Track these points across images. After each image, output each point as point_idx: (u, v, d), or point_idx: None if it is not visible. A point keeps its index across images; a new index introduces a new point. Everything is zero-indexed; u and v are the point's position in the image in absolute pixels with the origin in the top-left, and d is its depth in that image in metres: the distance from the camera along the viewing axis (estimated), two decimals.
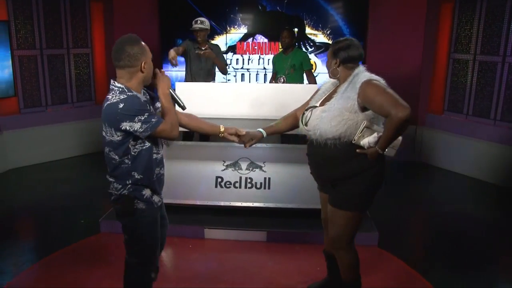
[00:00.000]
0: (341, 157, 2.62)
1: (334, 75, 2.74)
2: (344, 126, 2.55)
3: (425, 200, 5.34)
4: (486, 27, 5.83)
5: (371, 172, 2.63)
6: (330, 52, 2.74)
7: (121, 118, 2.32)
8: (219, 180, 4.26)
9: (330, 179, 2.73)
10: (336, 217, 2.76)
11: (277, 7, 6.57)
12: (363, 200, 2.70)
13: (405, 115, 2.34)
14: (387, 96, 2.44)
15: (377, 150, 2.50)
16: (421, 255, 4.09)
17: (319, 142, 2.65)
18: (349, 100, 2.56)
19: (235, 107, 4.03)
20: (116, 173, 2.48)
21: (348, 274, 2.88)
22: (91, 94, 6.95)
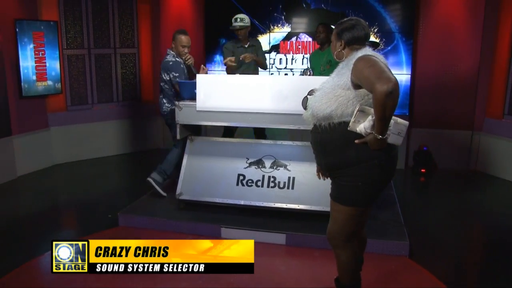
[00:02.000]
0: (337, 143, 2.38)
1: (339, 58, 2.51)
2: (335, 103, 2.34)
3: (475, 211, 4.83)
4: None
5: (373, 163, 2.34)
6: (334, 34, 2.52)
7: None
8: (241, 178, 4.08)
9: (328, 167, 2.49)
10: (334, 211, 2.51)
11: (321, 4, 6.31)
12: (363, 195, 2.41)
13: (387, 88, 2.07)
14: (374, 69, 2.19)
15: (376, 136, 2.23)
16: (457, 270, 3.63)
17: (317, 127, 2.46)
18: (343, 77, 2.36)
19: (257, 100, 3.83)
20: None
21: (345, 275, 2.61)
22: (137, 93, 7.05)
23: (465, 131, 6.07)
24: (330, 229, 2.55)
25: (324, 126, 2.41)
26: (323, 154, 2.48)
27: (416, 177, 6.05)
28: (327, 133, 2.41)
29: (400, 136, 2.32)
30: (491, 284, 3.34)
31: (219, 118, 3.95)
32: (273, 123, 3.89)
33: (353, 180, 2.39)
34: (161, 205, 4.33)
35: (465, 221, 4.57)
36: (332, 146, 2.41)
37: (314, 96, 2.49)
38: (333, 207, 2.53)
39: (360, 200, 2.43)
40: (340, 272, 2.62)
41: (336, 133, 2.38)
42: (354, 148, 2.34)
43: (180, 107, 4.01)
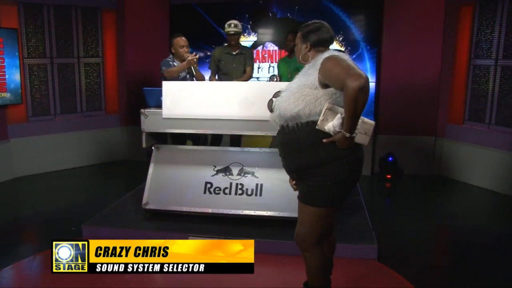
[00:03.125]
0: (304, 142, 2.37)
1: (305, 60, 2.51)
2: (303, 102, 2.34)
3: (440, 215, 4.93)
4: (508, 30, 5.44)
5: (341, 162, 2.34)
6: (299, 37, 2.53)
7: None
8: (209, 186, 4.04)
9: (296, 168, 2.47)
10: (303, 214, 2.49)
11: (287, 13, 6.39)
12: (331, 195, 2.40)
13: (359, 83, 2.10)
14: (343, 66, 2.22)
15: (344, 135, 2.24)
16: (425, 271, 3.67)
17: (284, 127, 2.44)
18: (310, 77, 2.36)
19: (224, 107, 3.81)
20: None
21: (314, 278, 2.57)
22: (101, 104, 6.91)
23: (429, 137, 6.21)
24: (299, 231, 2.52)
25: (291, 126, 2.40)
26: (291, 155, 2.46)
27: (382, 183, 6.14)
28: (294, 133, 2.40)
29: (367, 135, 2.35)
30: (457, 284, 3.41)
31: (186, 126, 3.91)
32: (241, 129, 3.88)
33: (322, 180, 2.37)
34: (126, 215, 4.24)
35: (431, 224, 4.65)
36: (300, 146, 2.39)
37: (281, 96, 2.48)
38: (302, 209, 2.50)
39: (329, 200, 2.42)
40: (309, 275, 2.59)
41: (303, 132, 2.37)
42: (322, 147, 2.33)
43: (146, 115, 3.95)
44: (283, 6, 6.39)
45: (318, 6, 6.26)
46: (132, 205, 4.43)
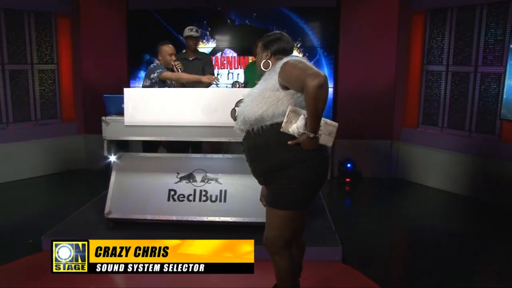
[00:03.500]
0: (270, 145, 2.41)
1: (265, 67, 2.60)
2: (265, 105, 2.39)
3: (399, 216, 5.10)
4: (457, 38, 5.71)
5: (307, 164, 2.39)
6: (261, 45, 2.62)
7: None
8: (172, 193, 4.01)
9: (262, 172, 2.50)
10: (271, 217, 2.51)
11: (246, 20, 6.44)
12: (298, 198, 2.43)
13: (318, 81, 2.18)
14: (301, 67, 2.30)
15: (309, 135, 2.30)
16: (389, 271, 3.81)
17: (250, 132, 2.48)
18: (270, 81, 2.44)
19: (187, 114, 3.80)
20: None
21: (283, 282, 2.60)
22: (57, 112, 6.72)
23: (385, 140, 6.40)
24: (268, 235, 2.54)
25: (256, 130, 2.44)
26: (257, 158, 2.49)
27: (342, 187, 6.27)
28: (259, 136, 2.44)
29: (331, 136, 2.40)
30: (419, 281, 3.53)
31: (149, 133, 3.87)
32: (204, 136, 3.88)
33: (288, 183, 2.40)
34: (88, 225, 4.13)
35: (390, 225, 4.79)
36: (266, 149, 2.43)
37: (244, 102, 2.53)
38: (270, 213, 2.52)
39: (296, 203, 2.44)
40: (278, 279, 2.62)
41: (268, 135, 2.41)
42: (287, 150, 2.37)
43: (107, 122, 3.88)
44: (241, 13, 6.44)
45: (276, 13, 6.35)
46: (93, 215, 4.32)
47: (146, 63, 6.52)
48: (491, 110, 5.43)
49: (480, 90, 5.52)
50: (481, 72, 5.49)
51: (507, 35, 5.19)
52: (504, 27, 5.26)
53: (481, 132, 5.56)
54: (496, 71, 5.34)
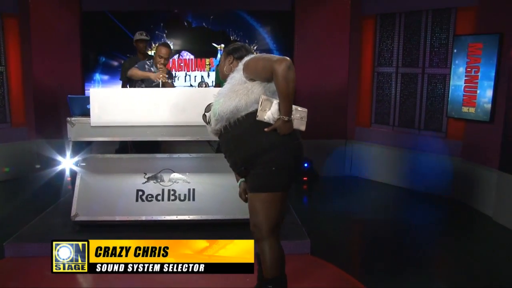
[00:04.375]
0: (247, 134, 2.53)
1: (228, 71, 2.77)
2: (237, 97, 2.52)
3: (354, 210, 5.34)
4: (405, 41, 6.04)
5: (283, 149, 2.52)
6: (224, 54, 2.84)
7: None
8: (140, 193, 3.99)
9: (243, 160, 2.59)
10: (253, 202, 2.61)
11: (203, 23, 6.50)
12: (278, 179, 2.54)
13: (285, 63, 2.37)
14: (264, 58, 2.49)
15: (283, 119, 2.44)
16: (353, 260, 4.02)
17: (226, 127, 2.59)
18: (236, 78, 2.59)
19: (154, 113, 3.80)
20: None
21: (270, 270, 2.64)
22: (6, 116, 6.45)
23: (340, 139, 6.65)
24: (254, 222, 2.62)
25: (233, 123, 2.54)
26: (237, 148, 2.58)
27: (299, 186, 6.43)
28: (236, 128, 2.54)
29: (303, 121, 2.56)
30: (380, 265, 3.80)
31: (115, 133, 3.83)
32: (172, 135, 3.89)
33: (268, 167, 2.52)
34: (52, 229, 4.01)
35: (348, 219, 5.02)
36: (244, 138, 2.54)
37: (216, 101, 2.62)
38: (252, 199, 2.61)
39: (276, 185, 2.55)
40: (267, 268, 2.64)
41: (245, 125, 2.52)
42: (264, 136, 2.50)
43: (73, 123, 3.80)
44: (198, 16, 6.50)
45: (233, 16, 6.46)
46: (56, 219, 4.20)
47: (101, 65, 6.42)
48: (438, 109, 5.79)
49: (428, 90, 5.87)
50: (428, 74, 5.85)
51: (450, 39, 5.57)
52: (447, 32, 5.64)
53: (429, 129, 5.91)
54: (442, 73, 5.70)
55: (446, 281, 3.64)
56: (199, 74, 6.43)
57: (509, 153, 4.70)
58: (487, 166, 5.07)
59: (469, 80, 5.25)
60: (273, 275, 2.65)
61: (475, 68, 5.15)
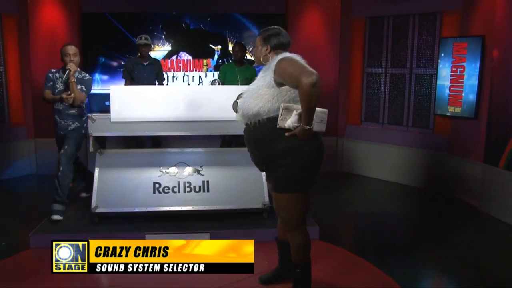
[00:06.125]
0: (267, 137, 2.69)
1: (265, 61, 2.81)
2: (262, 101, 2.65)
3: (348, 204, 5.61)
4: (394, 43, 6.40)
5: (305, 150, 2.67)
6: (260, 39, 2.83)
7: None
8: (157, 186, 4.19)
9: (263, 161, 2.79)
10: (279, 201, 2.82)
11: (200, 25, 6.72)
12: (301, 180, 2.72)
13: (312, 79, 2.42)
14: (296, 66, 2.55)
15: (303, 127, 2.57)
16: (355, 245, 4.31)
17: (248, 125, 2.77)
18: (266, 78, 2.69)
19: (171, 109, 4.02)
20: None
21: (298, 255, 2.92)
22: (5, 116, 6.50)
23: (331, 137, 6.95)
24: (282, 216, 2.89)
25: (254, 123, 2.73)
26: (257, 149, 2.78)
27: None
28: (257, 129, 2.73)
29: (323, 123, 2.73)
30: (382, 249, 4.11)
31: (134, 128, 4.03)
32: (188, 130, 4.11)
33: (288, 169, 2.69)
34: (72, 221, 4.18)
35: (343, 211, 5.33)
36: (264, 141, 2.72)
37: (243, 97, 2.80)
38: (277, 198, 2.82)
39: (297, 186, 2.74)
40: (295, 253, 2.92)
41: (265, 128, 2.70)
42: (284, 140, 2.66)
43: (94, 119, 3.98)
44: (196, 18, 6.71)
45: (229, 19, 6.70)
46: (73, 212, 4.36)
47: (101, 65, 6.57)
48: (425, 107, 6.16)
49: (415, 89, 6.24)
50: (415, 74, 6.21)
51: (436, 41, 5.96)
52: (433, 35, 6.01)
53: (417, 126, 6.28)
54: (429, 73, 6.08)
55: (435, 264, 3.92)
56: (197, 74, 6.63)
57: (492, 147, 5.08)
58: (472, 159, 5.44)
59: (454, 80, 5.60)
60: (301, 261, 2.93)
61: (461, 67, 5.51)
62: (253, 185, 4.23)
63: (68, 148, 4.32)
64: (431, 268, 3.85)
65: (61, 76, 4.38)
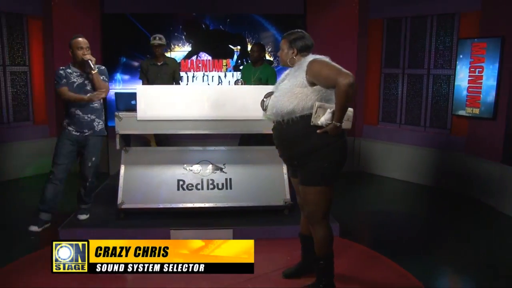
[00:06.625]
0: (301, 134, 2.84)
1: (292, 63, 2.98)
2: (296, 100, 2.80)
3: (365, 202, 5.70)
4: (412, 43, 6.44)
5: (333, 146, 2.85)
6: (286, 42, 2.99)
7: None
8: (181, 183, 4.29)
9: (296, 156, 2.92)
10: (307, 195, 2.94)
11: (220, 26, 6.82)
12: (329, 174, 2.89)
13: (349, 80, 2.62)
14: (331, 67, 2.76)
15: (335, 125, 2.74)
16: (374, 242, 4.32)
17: (280, 123, 2.89)
18: (298, 78, 2.84)
19: (196, 109, 4.11)
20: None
21: (321, 248, 3.03)
22: (29, 114, 6.67)
23: (349, 137, 6.92)
24: (308, 211, 2.99)
25: (287, 121, 2.86)
26: (290, 145, 2.91)
27: None
28: (290, 127, 2.86)
29: (349, 121, 2.90)
30: (402, 244, 4.21)
31: (159, 127, 4.14)
32: (212, 129, 4.21)
33: (320, 164, 2.86)
34: (98, 217, 4.30)
35: (361, 210, 5.40)
36: (297, 138, 2.86)
37: (275, 96, 2.93)
38: (305, 191, 2.95)
39: (327, 179, 2.91)
40: (319, 246, 3.03)
41: (298, 125, 2.84)
42: (315, 136, 2.82)
43: (120, 118, 4.09)
44: (215, 19, 6.81)
45: (248, 20, 6.79)
46: (97, 208, 4.48)
47: (122, 65, 6.70)
48: (443, 108, 6.20)
49: (433, 90, 6.27)
50: (433, 74, 6.25)
51: (454, 42, 5.99)
52: (451, 36, 6.05)
53: (434, 127, 6.31)
54: (446, 73, 6.11)
55: (453, 262, 3.97)
56: (216, 75, 6.73)
57: (510, 147, 5.11)
58: (490, 159, 5.47)
59: (472, 81, 5.63)
60: (324, 253, 3.05)
61: (479, 68, 5.54)
62: (274, 183, 4.32)
63: (96, 160, 4.22)
64: (449, 266, 3.90)
65: (75, 71, 4.13)
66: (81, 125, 4.14)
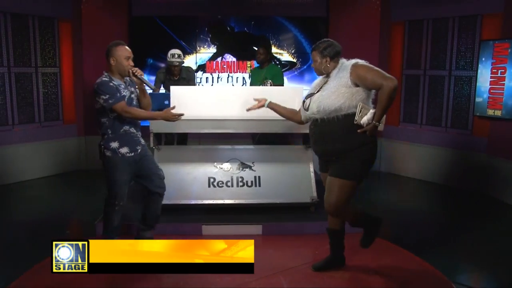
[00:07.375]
0: (343, 131, 3.03)
1: (326, 71, 3.21)
2: (343, 98, 3.00)
3: (387, 201, 5.78)
4: (433, 45, 6.52)
5: (369, 146, 3.08)
6: (318, 54, 3.23)
7: (95, 92, 3.47)
8: (212, 180, 4.45)
9: (335, 152, 3.10)
10: (334, 186, 3.11)
11: (244, 28, 6.98)
12: (361, 171, 3.11)
13: (394, 84, 2.89)
14: (376, 72, 2.99)
15: (375, 125, 2.96)
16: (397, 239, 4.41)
17: (324, 120, 3.08)
18: (343, 79, 3.05)
19: (226, 109, 4.26)
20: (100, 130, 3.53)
21: (357, 222, 3.32)
22: (59, 114, 6.90)
23: None
24: (331, 202, 3.13)
25: (332, 118, 3.04)
26: (333, 141, 3.08)
27: None
28: (333, 124, 3.05)
29: (383, 124, 3.09)
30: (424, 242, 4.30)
31: (191, 126, 4.30)
32: (240, 128, 4.37)
33: (355, 161, 3.06)
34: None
35: (385, 209, 5.40)
36: (339, 134, 3.05)
37: (321, 95, 3.11)
38: (335, 183, 3.11)
39: (358, 175, 3.11)
40: (355, 224, 3.33)
41: (341, 124, 3.04)
42: (355, 135, 3.02)
43: None
44: (240, 21, 6.98)
45: (272, 22, 6.95)
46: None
47: (149, 66, 6.89)
48: (464, 109, 6.26)
49: (454, 91, 6.34)
50: (454, 76, 6.32)
51: (476, 44, 6.06)
52: (473, 37, 6.12)
53: (455, 127, 6.38)
54: (468, 75, 6.18)
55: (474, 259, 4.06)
56: (241, 76, 6.90)
57: None
58: None
59: (494, 82, 5.70)
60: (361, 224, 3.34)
61: (502, 69, 5.60)
62: (301, 181, 4.46)
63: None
64: (470, 263, 4.00)
65: (119, 83, 3.59)
66: (134, 144, 3.58)
